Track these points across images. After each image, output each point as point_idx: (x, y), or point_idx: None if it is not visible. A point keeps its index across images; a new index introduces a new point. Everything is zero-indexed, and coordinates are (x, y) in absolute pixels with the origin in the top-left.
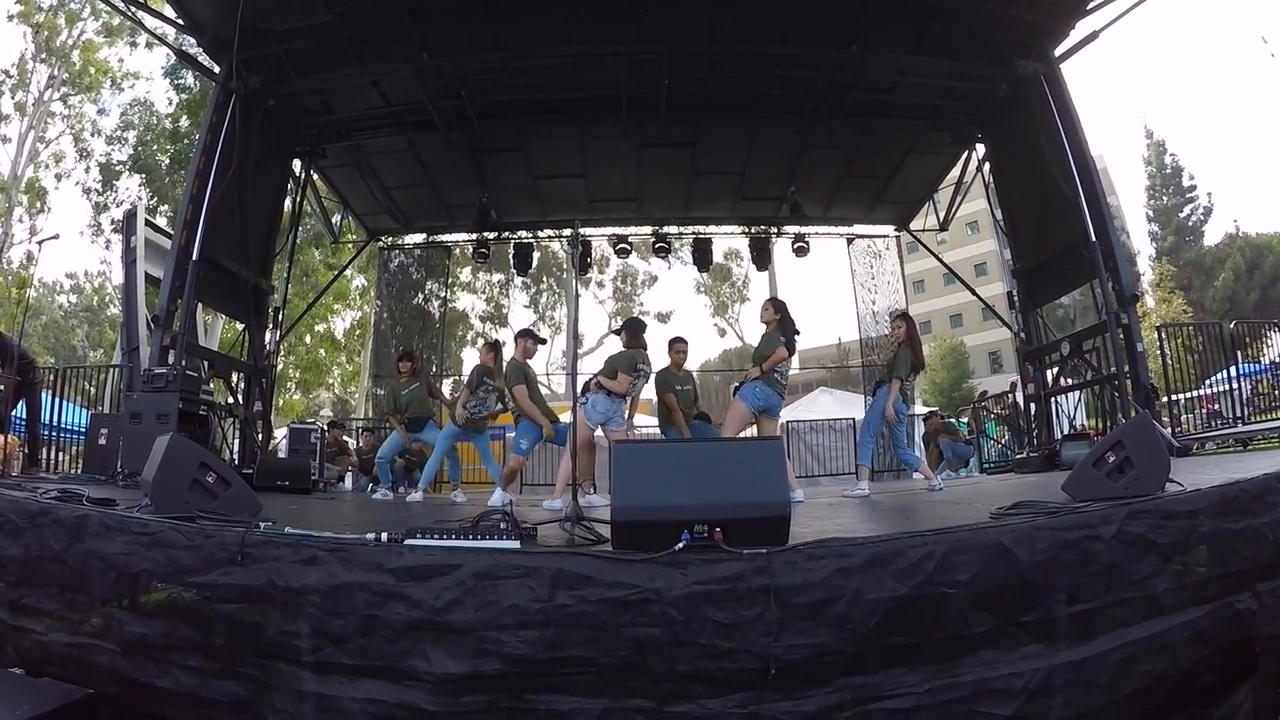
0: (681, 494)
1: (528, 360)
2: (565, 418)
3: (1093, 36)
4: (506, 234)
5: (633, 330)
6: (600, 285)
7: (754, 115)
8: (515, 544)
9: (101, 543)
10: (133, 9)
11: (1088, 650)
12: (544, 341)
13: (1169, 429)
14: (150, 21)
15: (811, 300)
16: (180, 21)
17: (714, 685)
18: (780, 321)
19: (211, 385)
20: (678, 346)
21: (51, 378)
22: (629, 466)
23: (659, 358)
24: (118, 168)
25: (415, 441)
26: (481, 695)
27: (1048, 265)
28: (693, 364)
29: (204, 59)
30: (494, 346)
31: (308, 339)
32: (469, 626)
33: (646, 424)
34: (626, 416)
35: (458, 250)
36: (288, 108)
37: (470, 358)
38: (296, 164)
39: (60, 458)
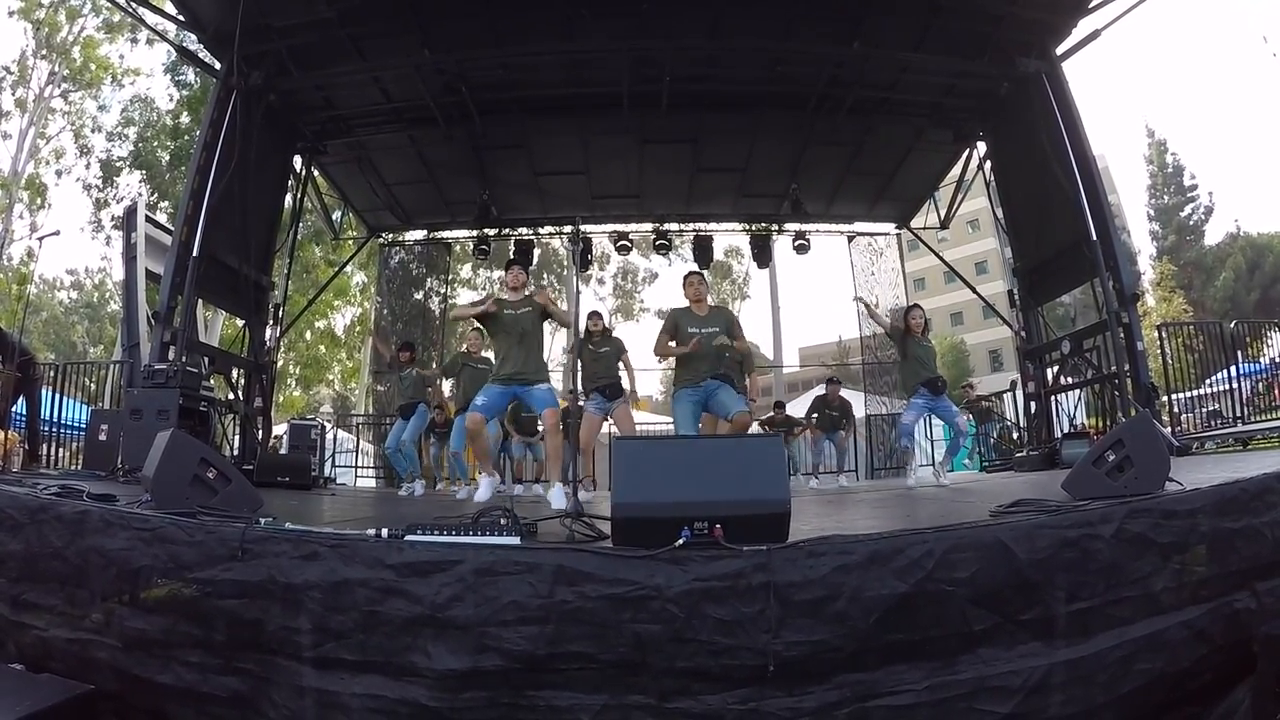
0: (682, 491)
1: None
2: None
3: (1094, 35)
4: (507, 230)
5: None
6: (601, 282)
7: (756, 112)
8: (516, 540)
9: (102, 538)
10: (134, 5)
11: (1086, 648)
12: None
13: (1169, 428)
14: (151, 18)
15: (812, 298)
16: (181, 18)
17: (714, 682)
18: None
19: (212, 381)
20: (689, 280)
21: (52, 374)
22: (629, 463)
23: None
24: (118, 164)
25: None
26: (482, 691)
27: (1048, 264)
28: None
29: (205, 55)
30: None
31: (308, 335)
32: (469, 622)
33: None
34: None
35: (458, 247)
36: (289, 104)
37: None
38: (297, 160)
39: (60, 454)
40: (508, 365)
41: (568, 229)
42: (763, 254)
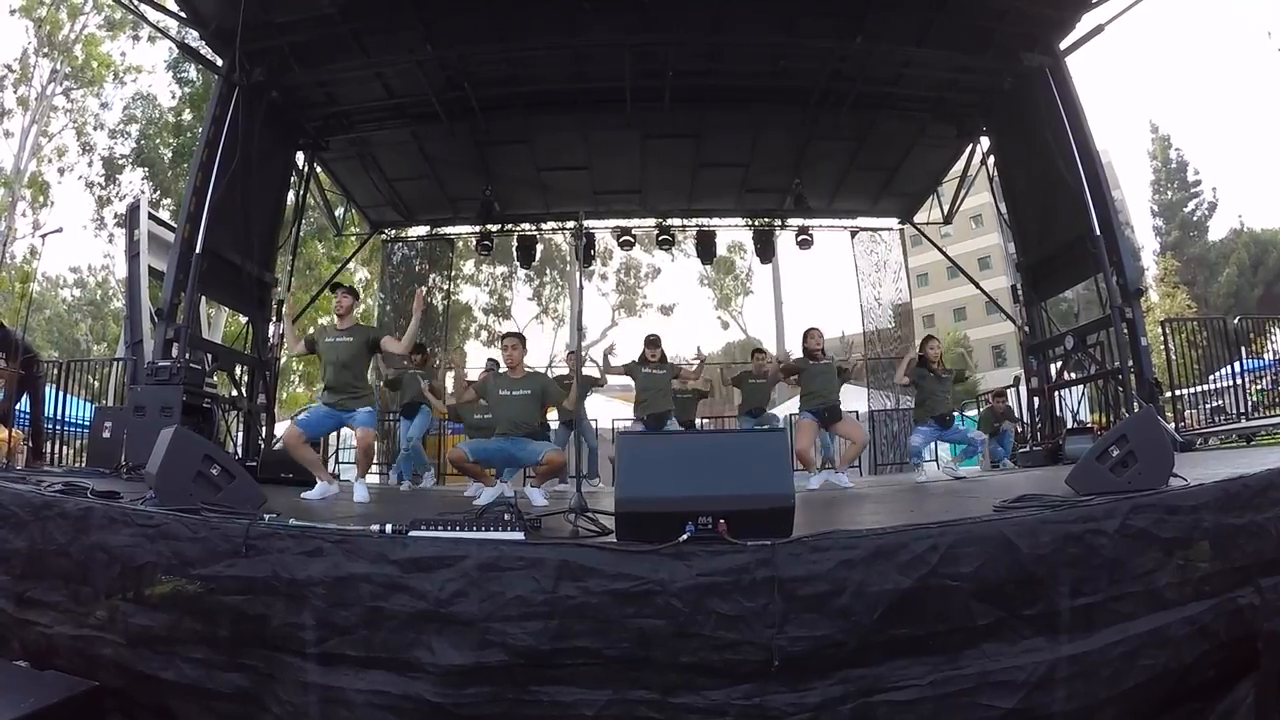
0: (686, 485)
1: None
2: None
3: (1098, 30)
4: (510, 226)
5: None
6: (604, 278)
7: (758, 107)
8: (519, 535)
9: (106, 535)
10: (135, 2)
11: (1090, 644)
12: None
13: (1172, 424)
14: (153, 15)
15: (815, 293)
16: (183, 14)
17: (718, 676)
18: None
19: (215, 378)
20: (505, 342)
21: (55, 371)
22: (633, 458)
23: None
24: (120, 161)
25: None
26: (486, 686)
27: (1052, 259)
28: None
29: (207, 52)
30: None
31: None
32: (473, 618)
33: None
34: None
35: (461, 243)
36: (291, 100)
37: (474, 350)
38: (300, 156)
39: (64, 451)
40: (325, 394)
41: (570, 224)
42: (766, 249)
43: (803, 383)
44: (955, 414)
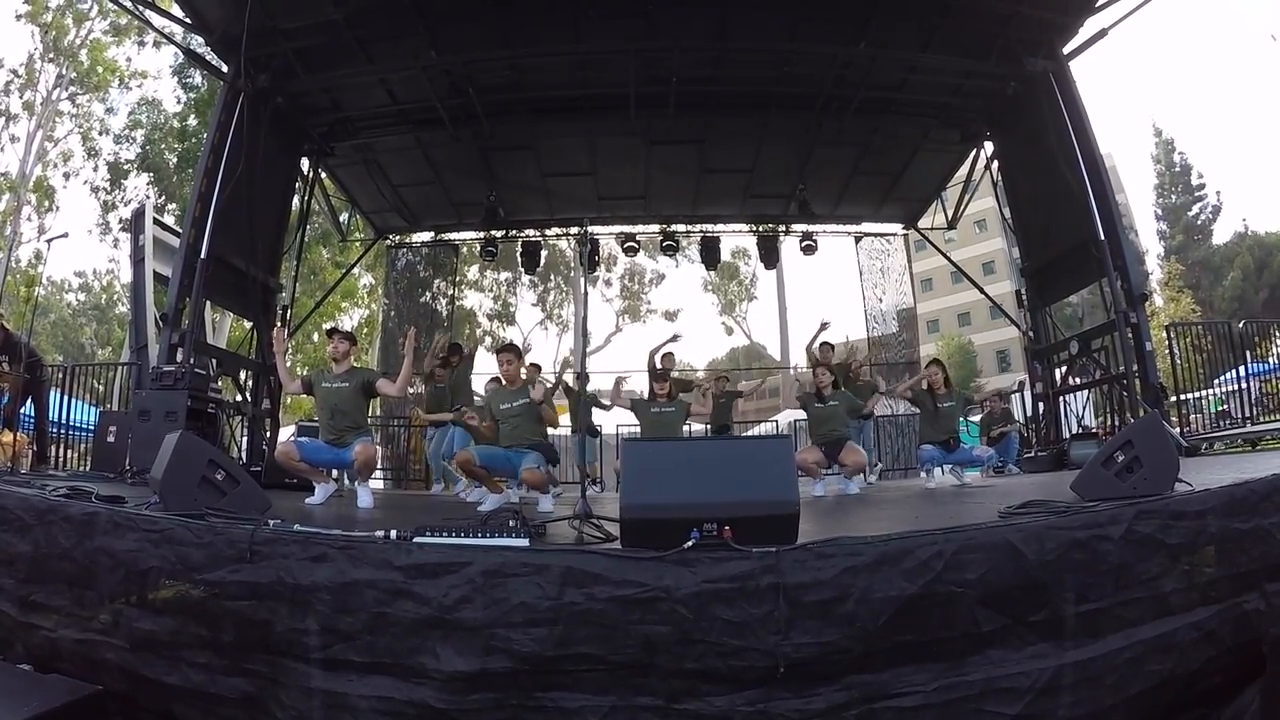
0: (691, 492)
1: None
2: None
3: (1102, 34)
4: (514, 232)
5: None
6: (608, 283)
7: (762, 113)
8: (524, 542)
9: (110, 539)
10: (140, 8)
11: (1095, 650)
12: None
13: (1177, 428)
14: (158, 21)
15: (819, 298)
16: (188, 20)
17: (722, 683)
18: None
19: (220, 383)
20: (501, 356)
21: (60, 375)
22: (638, 464)
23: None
24: (125, 166)
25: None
26: (490, 693)
27: (1056, 264)
28: (699, 362)
29: (212, 58)
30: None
31: (315, 337)
32: (478, 624)
33: None
34: None
35: (465, 249)
36: (296, 106)
37: (478, 353)
38: (304, 162)
39: (69, 455)
40: (324, 432)
41: (575, 230)
42: (770, 255)
43: (809, 422)
44: (958, 434)
